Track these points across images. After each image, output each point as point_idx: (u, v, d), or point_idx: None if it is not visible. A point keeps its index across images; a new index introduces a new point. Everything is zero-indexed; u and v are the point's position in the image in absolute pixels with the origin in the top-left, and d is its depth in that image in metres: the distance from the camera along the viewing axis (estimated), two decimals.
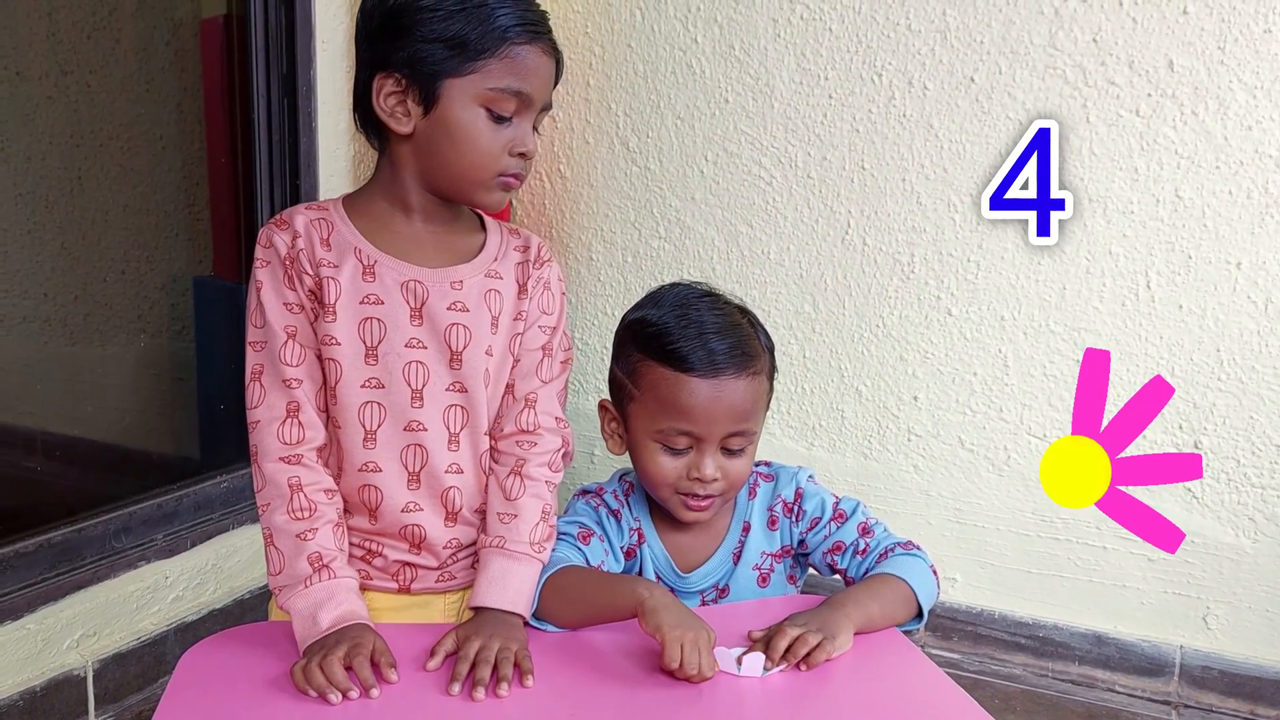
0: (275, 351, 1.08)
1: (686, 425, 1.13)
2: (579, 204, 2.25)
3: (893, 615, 1.13)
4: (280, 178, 2.08)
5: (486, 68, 1.05)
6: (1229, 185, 1.80)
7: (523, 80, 1.07)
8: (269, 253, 1.10)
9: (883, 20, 1.96)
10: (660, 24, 2.13)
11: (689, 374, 1.12)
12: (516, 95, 1.07)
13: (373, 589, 1.15)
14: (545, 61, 1.09)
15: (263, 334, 1.10)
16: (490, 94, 1.06)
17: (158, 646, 1.81)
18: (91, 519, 1.79)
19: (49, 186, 1.91)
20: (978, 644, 2.06)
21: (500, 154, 1.08)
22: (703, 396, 1.12)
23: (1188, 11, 1.78)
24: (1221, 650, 1.90)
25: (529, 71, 1.07)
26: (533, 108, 1.09)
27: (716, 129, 2.12)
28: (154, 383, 2.13)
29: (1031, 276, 1.93)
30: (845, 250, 2.06)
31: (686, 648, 0.97)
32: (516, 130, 1.08)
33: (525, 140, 1.09)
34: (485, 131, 1.07)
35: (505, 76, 1.06)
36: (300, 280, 1.09)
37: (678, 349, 1.12)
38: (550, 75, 1.10)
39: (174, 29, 2.08)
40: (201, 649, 1.05)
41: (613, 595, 1.07)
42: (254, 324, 1.11)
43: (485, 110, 1.06)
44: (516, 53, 1.06)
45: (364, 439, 1.10)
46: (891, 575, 1.15)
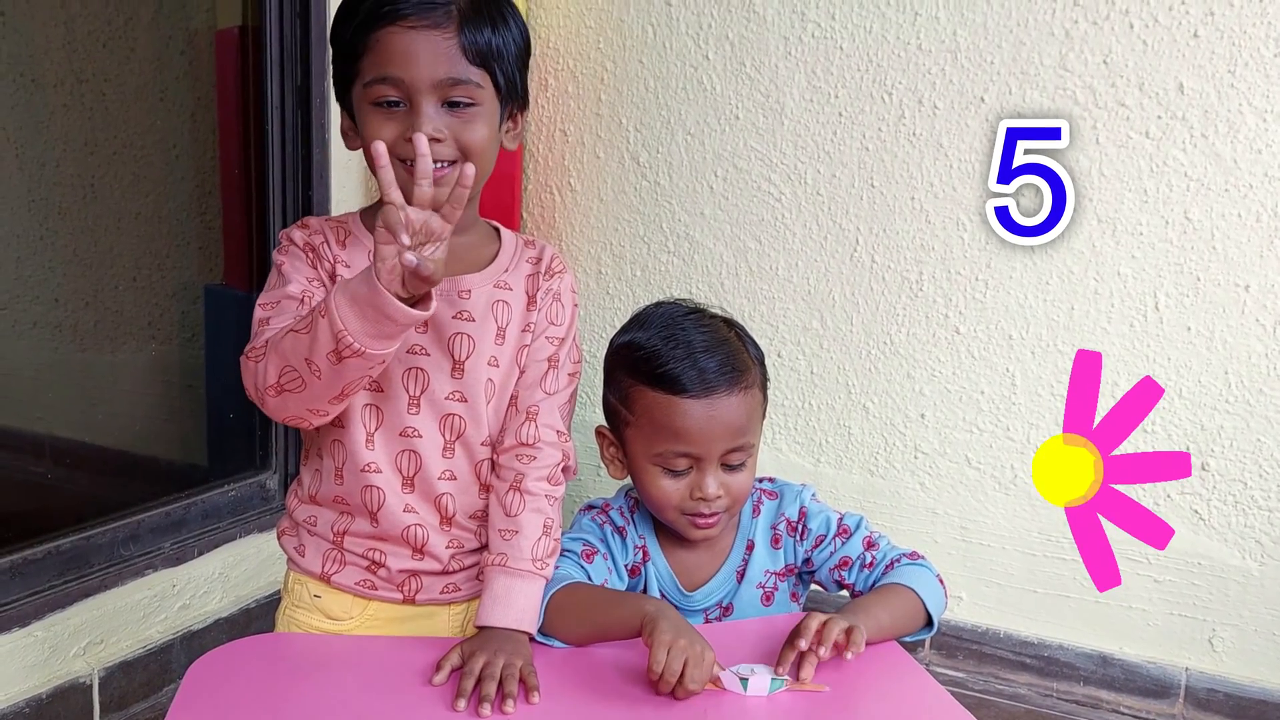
0: (288, 305, 1.06)
1: (684, 447, 1.13)
2: (589, 218, 2.26)
3: (903, 624, 1.13)
4: (293, 188, 2.10)
5: (363, 65, 1.05)
6: (1238, 208, 1.80)
7: (387, 65, 1.03)
8: (288, 244, 1.12)
9: (893, 39, 1.97)
10: (672, 40, 2.14)
11: (681, 396, 1.11)
12: (385, 81, 1.03)
13: (377, 599, 1.16)
14: (417, 36, 1.02)
15: (276, 294, 1.07)
16: (369, 89, 1.04)
17: (163, 655, 1.82)
18: (99, 526, 1.80)
19: (62, 193, 1.92)
20: (983, 663, 2.06)
21: (395, 144, 1.02)
22: (697, 417, 1.11)
23: (1198, 35, 1.78)
24: (1227, 673, 1.90)
25: (393, 54, 1.02)
26: (417, 89, 1.03)
27: (726, 145, 2.12)
28: (164, 390, 2.14)
29: (1040, 296, 1.94)
30: (854, 267, 2.06)
31: (672, 654, 0.96)
32: (407, 116, 1.04)
33: (415, 123, 1.02)
34: (371, 124, 1.05)
35: (373, 68, 1.04)
36: (320, 264, 1.10)
37: (668, 371, 1.12)
38: (432, 47, 1.03)
39: (189, 39, 2.10)
40: (208, 661, 1.05)
41: (619, 613, 1.07)
42: (269, 287, 1.09)
43: (371, 105, 1.05)
44: (379, 38, 1.03)
45: (365, 440, 1.11)
46: (900, 585, 1.15)
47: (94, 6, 1.93)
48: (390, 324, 0.94)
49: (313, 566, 1.17)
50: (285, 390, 1.00)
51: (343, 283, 0.95)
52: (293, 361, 0.98)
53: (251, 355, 1.02)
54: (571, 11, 2.20)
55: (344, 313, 0.93)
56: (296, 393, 1.00)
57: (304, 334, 0.96)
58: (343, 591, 1.16)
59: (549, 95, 2.25)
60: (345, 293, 0.94)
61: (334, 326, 0.93)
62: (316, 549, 1.17)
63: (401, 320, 0.94)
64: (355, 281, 0.94)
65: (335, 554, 1.16)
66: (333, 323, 0.93)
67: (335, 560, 1.16)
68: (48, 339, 1.93)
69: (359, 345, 0.94)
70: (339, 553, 1.16)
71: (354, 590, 1.16)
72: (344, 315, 0.93)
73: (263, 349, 1.00)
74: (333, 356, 0.95)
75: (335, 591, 1.16)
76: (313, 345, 0.95)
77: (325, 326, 0.94)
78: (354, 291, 0.93)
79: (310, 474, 1.17)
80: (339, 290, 0.94)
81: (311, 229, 1.13)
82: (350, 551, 1.15)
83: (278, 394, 1.00)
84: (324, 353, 0.95)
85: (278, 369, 0.99)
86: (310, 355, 0.96)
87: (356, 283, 0.94)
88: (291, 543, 1.19)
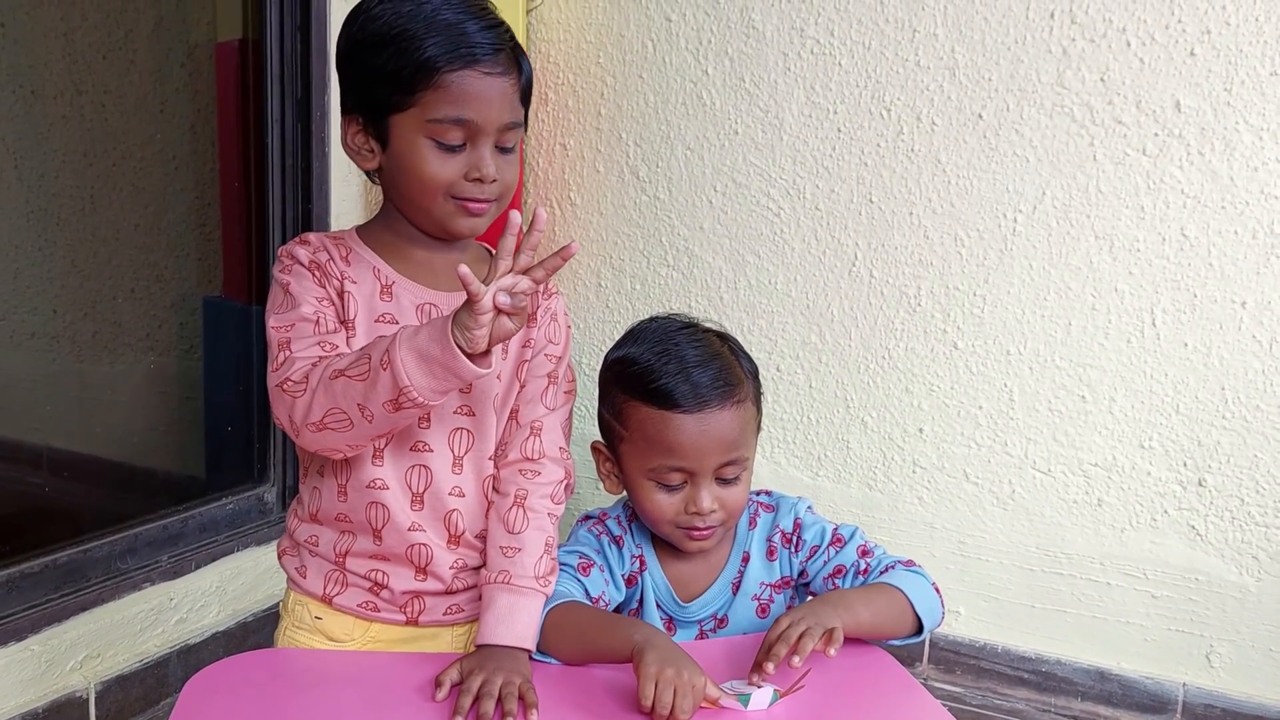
0: (305, 327, 1.07)
1: (678, 462, 1.13)
2: (589, 231, 2.27)
3: (885, 623, 1.13)
4: (292, 201, 2.10)
5: (424, 99, 1.04)
6: (1235, 225, 1.81)
7: (463, 107, 1.04)
8: (291, 262, 1.11)
9: (892, 56, 1.98)
10: (671, 56, 2.15)
11: (674, 411, 1.12)
12: (458, 123, 1.05)
13: (380, 621, 1.15)
14: (491, 83, 1.05)
15: (290, 317, 1.07)
16: (432, 125, 1.05)
17: (160, 669, 1.81)
18: (97, 540, 1.79)
19: (61, 204, 1.92)
20: (980, 678, 2.06)
21: (454, 182, 1.06)
22: (691, 432, 1.12)
23: (1195, 53, 1.79)
24: (1224, 688, 1.90)
25: (469, 98, 1.04)
26: (484, 131, 1.06)
27: (726, 160, 2.13)
28: (161, 402, 2.14)
29: (1038, 312, 1.94)
30: (852, 282, 2.07)
31: (661, 685, 0.96)
32: (471, 156, 1.07)
33: (480, 165, 1.06)
34: (433, 161, 1.06)
35: (443, 106, 1.04)
36: (328, 281, 1.10)
37: (661, 386, 1.12)
38: (501, 94, 1.06)
39: (189, 51, 2.10)
40: (206, 676, 1.04)
41: (611, 639, 1.06)
42: (276, 310, 1.09)
43: (432, 141, 1.06)
44: (452, 80, 1.04)
45: (373, 456, 1.11)
46: (888, 585, 1.15)
47: (94, 18, 1.94)
48: (458, 380, 0.98)
49: (314, 588, 1.16)
50: (328, 428, 1.02)
51: (406, 337, 0.98)
52: (343, 405, 1.00)
53: (288, 389, 1.02)
54: (572, 26, 2.21)
55: (410, 368, 0.96)
56: (341, 431, 1.02)
57: (359, 381, 0.98)
58: (345, 613, 1.16)
59: (549, 109, 2.26)
60: (411, 349, 0.97)
61: (399, 381, 0.96)
62: (318, 570, 1.16)
63: (469, 378, 0.98)
64: (423, 339, 0.97)
65: (337, 575, 1.15)
66: (398, 377, 0.96)
67: (337, 581, 1.15)
68: (46, 350, 1.93)
69: (423, 399, 0.97)
70: (341, 574, 1.15)
71: (356, 612, 1.15)
72: (410, 371, 0.96)
73: (303, 384, 1.02)
74: (390, 406, 0.98)
75: (337, 613, 1.16)
76: (369, 393, 0.98)
77: (388, 379, 0.97)
78: (422, 349, 0.96)
79: (310, 491, 1.16)
80: (404, 345, 0.97)
81: (314, 245, 1.12)
82: (353, 572, 1.15)
83: (319, 430, 1.02)
84: (382, 401, 0.98)
85: (324, 409, 1.01)
86: (365, 402, 0.99)
87: (425, 340, 0.97)
88: (293, 563, 1.19)
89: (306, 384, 1.01)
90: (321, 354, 1.04)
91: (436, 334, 0.96)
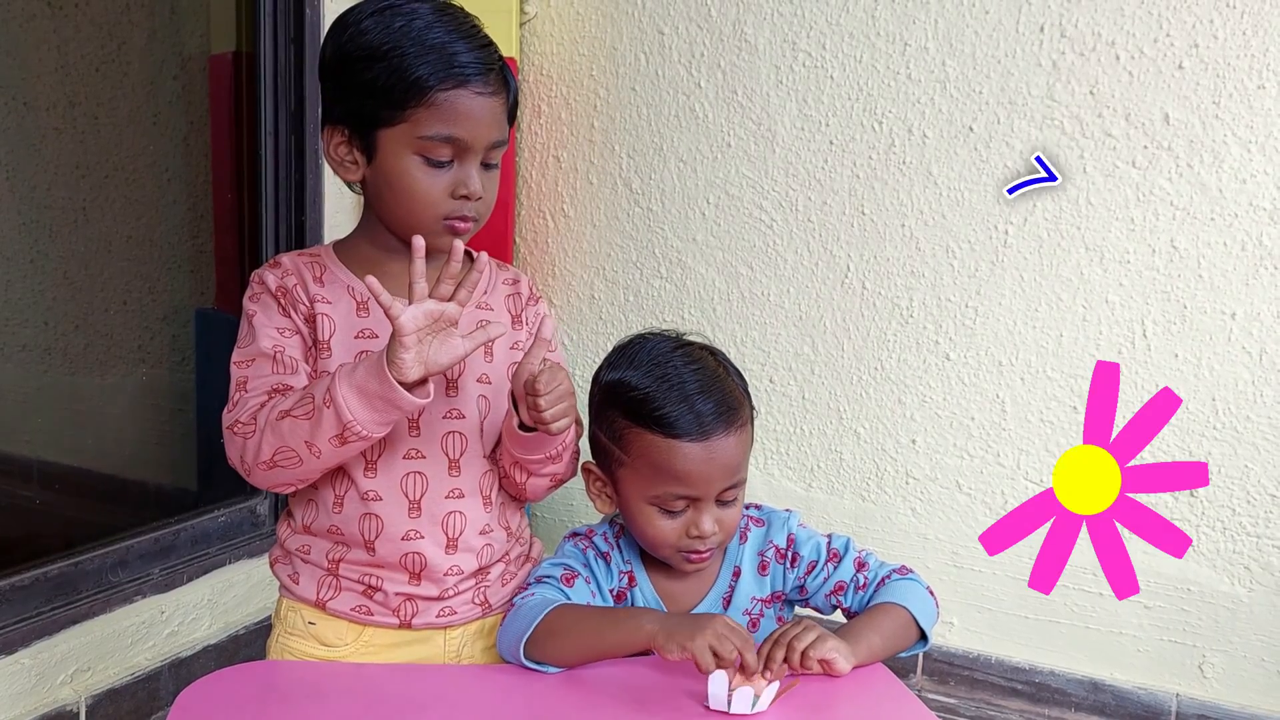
0: (262, 364, 1.09)
1: (683, 489, 1.13)
2: (582, 243, 2.27)
3: (895, 643, 1.15)
4: (285, 213, 2.10)
5: (415, 116, 1.05)
6: (1224, 237, 1.82)
7: (453, 125, 1.05)
8: (260, 288, 1.12)
9: (883, 69, 1.99)
10: (664, 68, 2.16)
11: (680, 439, 1.11)
12: (448, 141, 1.06)
13: (373, 625, 1.15)
14: (481, 102, 1.06)
15: (250, 351, 1.10)
16: (422, 142, 1.06)
17: (151, 682, 1.80)
18: (88, 552, 1.78)
19: (53, 216, 1.92)
20: (974, 689, 2.06)
21: (440, 199, 1.08)
22: (697, 460, 1.11)
23: (1183, 66, 1.81)
24: (1217, 699, 1.90)
25: (460, 116, 1.05)
26: (473, 149, 1.07)
27: (718, 172, 2.14)
28: (153, 414, 2.13)
29: (1029, 323, 1.95)
30: (844, 293, 2.08)
31: (715, 643, 1.00)
32: (458, 173, 1.08)
33: (467, 182, 1.08)
34: (422, 178, 1.07)
35: (434, 124, 1.05)
36: (295, 309, 1.11)
37: (665, 415, 1.11)
38: (490, 112, 1.08)
39: (182, 64, 2.11)
40: (197, 689, 1.04)
41: (619, 632, 1.08)
42: (240, 344, 1.11)
43: (420, 158, 1.07)
44: (443, 99, 1.05)
45: (364, 468, 1.11)
46: (891, 603, 1.16)
47: (87, 31, 1.94)
48: (398, 411, 1.01)
49: (307, 593, 1.16)
50: (279, 466, 1.04)
51: (344, 374, 1.00)
52: (291, 443, 1.02)
53: (238, 431, 1.05)
54: (565, 39, 2.22)
55: (351, 404, 0.99)
56: (291, 468, 1.04)
57: (304, 420, 1.01)
58: (338, 618, 1.16)
59: (542, 122, 2.26)
60: (351, 385, 0.99)
61: (342, 417, 0.99)
62: (311, 576, 1.16)
63: (410, 409, 1.01)
64: (361, 374, 0.99)
65: (330, 580, 1.15)
66: (340, 414, 0.99)
67: (330, 586, 1.15)
68: (37, 362, 1.93)
69: (367, 432, 1.01)
70: (334, 579, 1.15)
71: (350, 616, 1.15)
72: (351, 406, 0.99)
73: (252, 425, 1.04)
74: (336, 440, 1.01)
75: (330, 618, 1.16)
76: (314, 431, 1.00)
77: (331, 416, 0.99)
78: (361, 384, 0.99)
79: (301, 506, 1.16)
80: (342, 382, 0.99)
81: (284, 268, 1.12)
82: (346, 578, 1.15)
83: (269, 469, 1.05)
84: (327, 437, 1.01)
85: (273, 448, 1.03)
86: (311, 439, 1.01)
87: (363, 376, 0.99)
88: (285, 570, 1.19)
89: (255, 424, 1.04)
90: (269, 394, 1.06)
91: (373, 368, 0.99)
